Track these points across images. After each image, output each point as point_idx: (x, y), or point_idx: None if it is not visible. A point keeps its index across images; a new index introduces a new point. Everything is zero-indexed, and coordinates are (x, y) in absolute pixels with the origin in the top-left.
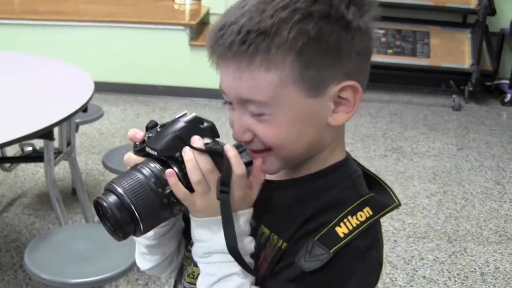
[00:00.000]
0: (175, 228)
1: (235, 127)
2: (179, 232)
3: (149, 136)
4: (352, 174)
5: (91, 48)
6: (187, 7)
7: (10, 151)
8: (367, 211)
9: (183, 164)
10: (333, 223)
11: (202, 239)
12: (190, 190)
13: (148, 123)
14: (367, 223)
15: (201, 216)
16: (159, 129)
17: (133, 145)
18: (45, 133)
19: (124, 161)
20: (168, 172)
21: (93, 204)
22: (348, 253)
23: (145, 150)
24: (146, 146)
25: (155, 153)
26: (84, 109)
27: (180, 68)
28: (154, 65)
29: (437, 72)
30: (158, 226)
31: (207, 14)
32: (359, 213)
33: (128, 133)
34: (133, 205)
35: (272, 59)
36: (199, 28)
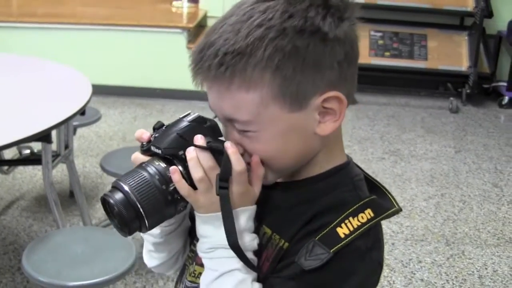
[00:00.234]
0: (182, 227)
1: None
2: (186, 231)
3: (155, 136)
4: (354, 177)
5: (89, 51)
6: (185, 10)
7: (8, 154)
8: (369, 213)
9: (187, 162)
10: (334, 224)
11: (206, 235)
12: (194, 188)
13: (155, 124)
14: (368, 225)
15: (204, 212)
16: (164, 129)
17: (140, 145)
18: (43, 136)
19: (131, 161)
20: (172, 169)
21: (101, 201)
22: (349, 254)
23: (151, 150)
24: (152, 145)
25: (160, 152)
26: (82, 112)
27: (178, 71)
28: (152, 68)
29: (435, 75)
30: (165, 225)
31: (205, 17)
32: (361, 215)
33: (135, 134)
34: (139, 202)
35: (251, 79)
36: (197, 31)
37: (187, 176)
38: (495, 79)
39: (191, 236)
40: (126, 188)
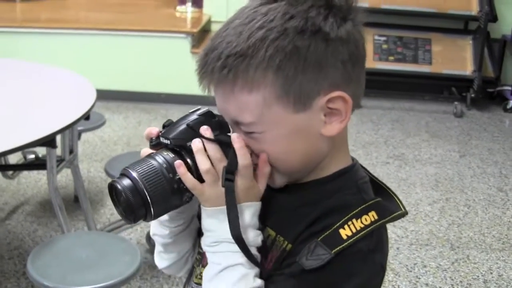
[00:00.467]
0: (191, 227)
1: None
2: (194, 232)
3: (165, 130)
4: (359, 180)
5: (93, 56)
6: (189, 15)
7: (13, 159)
8: (372, 215)
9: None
10: (337, 225)
11: (211, 229)
12: (201, 180)
13: (165, 122)
14: (371, 227)
15: (210, 206)
16: (174, 122)
17: (149, 141)
18: (48, 141)
19: (140, 155)
20: (177, 163)
21: (108, 188)
22: (351, 255)
23: (160, 143)
24: (161, 137)
25: (168, 142)
26: (86, 117)
27: (182, 76)
28: (156, 73)
29: (439, 79)
30: (173, 225)
31: (209, 22)
32: (364, 217)
33: (145, 132)
34: (146, 189)
35: (253, 80)
36: (201, 36)
37: (195, 169)
38: (500, 83)
39: (199, 238)
40: (134, 175)
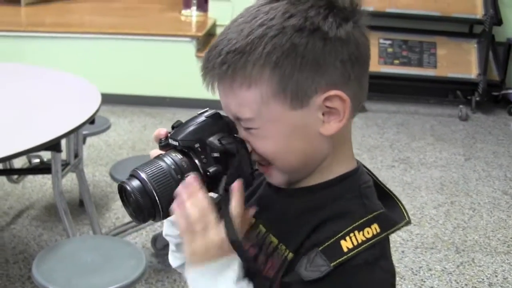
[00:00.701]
0: None
1: None
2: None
3: (173, 132)
4: (362, 185)
5: (98, 60)
6: (194, 19)
7: (18, 163)
8: (375, 228)
9: (203, 155)
10: (339, 236)
11: None
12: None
13: (174, 123)
14: (373, 241)
15: (196, 262)
16: (182, 124)
17: (158, 142)
18: (53, 145)
19: (150, 156)
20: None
21: (118, 189)
22: (354, 268)
23: (169, 144)
24: (169, 138)
25: (176, 144)
26: (91, 121)
27: (187, 80)
28: (161, 77)
29: (444, 82)
30: None
31: (214, 26)
32: (367, 229)
33: (154, 133)
34: (154, 190)
35: (251, 76)
36: (206, 40)
37: (203, 170)
38: (505, 87)
39: None
40: (143, 176)
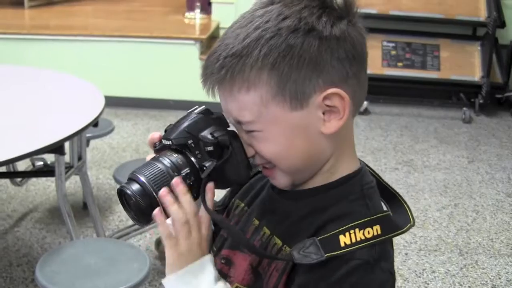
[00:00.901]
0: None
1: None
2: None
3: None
4: (364, 185)
5: (102, 63)
6: (197, 22)
7: (21, 166)
8: (376, 230)
9: (197, 150)
10: (339, 230)
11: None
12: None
13: (167, 127)
14: (372, 241)
15: (181, 263)
16: (174, 124)
17: (153, 146)
18: (56, 148)
19: (146, 161)
20: (155, 213)
21: (117, 193)
22: (356, 267)
23: (164, 147)
24: (163, 139)
25: (170, 143)
26: (95, 124)
27: (191, 82)
28: (165, 79)
29: (447, 85)
30: None
31: (217, 28)
32: (368, 229)
33: (148, 138)
34: (154, 192)
35: (249, 79)
36: (209, 42)
37: (199, 167)
38: (508, 89)
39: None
40: (143, 179)
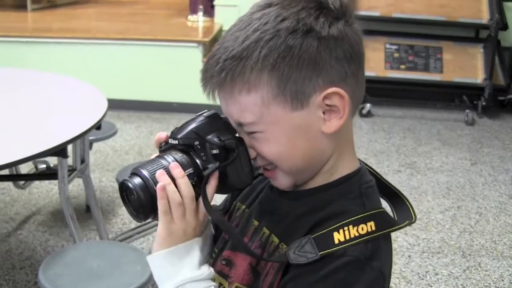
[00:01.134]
0: (205, 234)
1: None
2: (210, 238)
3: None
4: (363, 184)
5: (104, 66)
6: (200, 24)
7: (24, 169)
8: (370, 226)
9: (202, 152)
10: (333, 227)
11: (169, 274)
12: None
13: (174, 129)
14: (366, 238)
15: (171, 242)
16: (181, 125)
17: (159, 146)
18: (59, 151)
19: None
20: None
21: (118, 187)
22: (346, 264)
23: (170, 147)
24: (169, 138)
25: (176, 142)
26: (98, 127)
27: (194, 85)
28: (168, 82)
29: (450, 87)
30: None
31: (220, 31)
32: (361, 225)
33: (155, 138)
34: (156, 187)
35: (250, 81)
36: (212, 45)
37: (203, 168)
38: (511, 91)
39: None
40: (145, 174)
